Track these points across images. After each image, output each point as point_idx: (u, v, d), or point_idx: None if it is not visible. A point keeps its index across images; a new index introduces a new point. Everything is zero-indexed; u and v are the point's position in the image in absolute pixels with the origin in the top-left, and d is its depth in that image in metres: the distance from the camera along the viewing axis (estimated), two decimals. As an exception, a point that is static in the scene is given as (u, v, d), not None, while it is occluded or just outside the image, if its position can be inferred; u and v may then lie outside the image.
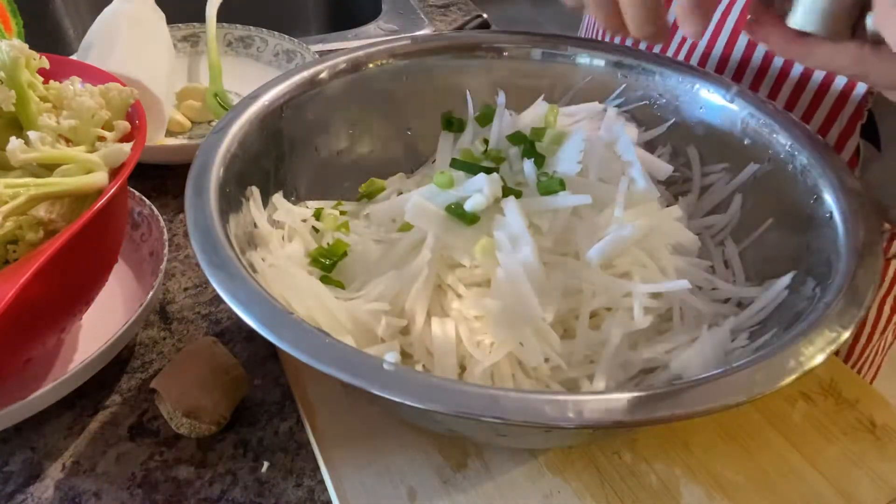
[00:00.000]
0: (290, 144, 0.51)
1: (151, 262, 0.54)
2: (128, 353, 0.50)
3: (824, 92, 0.53)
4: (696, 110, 0.54)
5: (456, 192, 0.45)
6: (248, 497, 0.42)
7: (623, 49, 0.58)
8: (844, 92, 0.52)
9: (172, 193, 0.66)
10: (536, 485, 0.41)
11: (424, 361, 0.42)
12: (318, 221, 0.51)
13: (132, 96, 0.46)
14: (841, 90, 0.53)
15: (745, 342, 0.41)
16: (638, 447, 0.43)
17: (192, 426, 0.42)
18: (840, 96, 0.53)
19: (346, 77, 0.54)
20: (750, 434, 0.44)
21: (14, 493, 0.42)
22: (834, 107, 0.53)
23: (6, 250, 0.40)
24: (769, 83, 0.58)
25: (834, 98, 0.53)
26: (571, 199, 0.44)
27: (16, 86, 0.42)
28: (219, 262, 0.36)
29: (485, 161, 0.50)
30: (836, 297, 0.36)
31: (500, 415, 0.30)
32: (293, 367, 0.48)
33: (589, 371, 0.42)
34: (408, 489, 0.41)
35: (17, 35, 0.62)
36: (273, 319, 0.33)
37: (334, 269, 0.48)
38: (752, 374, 0.32)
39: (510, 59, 0.58)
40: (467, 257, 0.44)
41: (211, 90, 0.77)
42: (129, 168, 0.42)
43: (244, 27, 0.85)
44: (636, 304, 0.43)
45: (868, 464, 0.43)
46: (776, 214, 0.48)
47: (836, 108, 0.53)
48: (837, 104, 0.53)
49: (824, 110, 0.54)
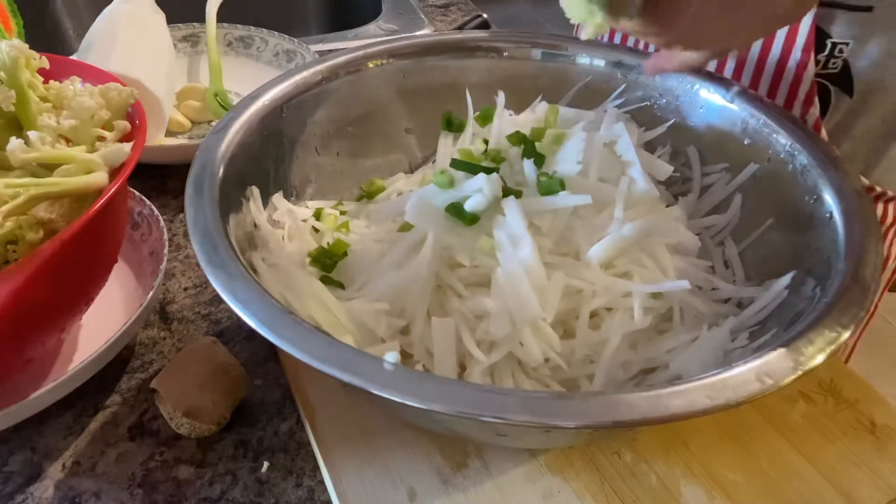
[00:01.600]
0: (290, 144, 0.51)
1: (151, 262, 0.54)
2: (128, 353, 0.50)
3: (781, 72, 0.56)
4: (696, 110, 0.54)
5: (456, 192, 0.45)
6: (248, 497, 0.42)
7: (623, 49, 0.58)
8: (797, 73, 0.55)
9: (172, 193, 0.66)
10: (536, 485, 0.41)
11: (424, 361, 0.42)
12: (318, 221, 0.51)
13: (132, 96, 0.46)
14: (794, 72, 0.55)
15: (745, 342, 0.41)
16: (638, 447, 0.43)
17: (192, 426, 0.42)
18: (794, 78, 0.55)
19: (346, 77, 0.54)
20: (750, 434, 0.44)
21: (14, 493, 0.42)
22: (791, 86, 0.56)
23: (6, 250, 0.40)
24: (729, 66, 0.59)
25: (790, 80, 0.56)
26: (571, 199, 0.44)
27: (16, 86, 0.42)
28: (219, 262, 0.36)
29: (485, 161, 0.50)
30: (836, 297, 0.36)
31: (500, 415, 0.30)
32: (293, 367, 0.48)
33: (589, 371, 0.42)
34: (408, 489, 0.41)
35: (17, 35, 0.62)
36: (273, 319, 0.33)
37: (334, 269, 0.48)
38: (752, 374, 0.32)
39: (510, 59, 0.58)
40: (467, 257, 0.44)
41: (211, 90, 0.77)
42: (129, 168, 0.42)
43: (244, 27, 0.85)
44: (636, 304, 0.43)
45: (868, 464, 0.43)
46: (776, 214, 0.48)
47: (794, 87, 0.55)
48: (794, 84, 0.55)
49: (784, 90, 0.56)
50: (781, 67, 0.55)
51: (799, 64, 0.54)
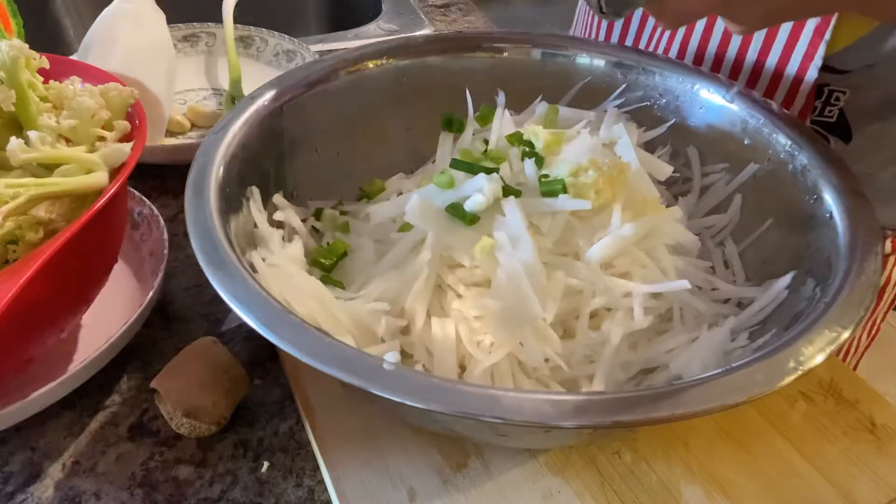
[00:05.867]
0: (290, 144, 0.51)
1: (151, 262, 0.53)
2: (128, 353, 0.50)
3: (778, 80, 0.55)
4: (696, 110, 0.54)
5: (456, 192, 0.45)
6: (248, 497, 0.42)
7: (623, 49, 0.58)
8: (795, 81, 0.55)
9: (172, 193, 0.66)
10: (536, 485, 0.41)
11: (424, 361, 0.42)
12: (318, 221, 0.51)
13: (132, 96, 0.46)
14: (792, 80, 0.55)
15: (745, 342, 0.41)
16: (638, 447, 0.43)
17: (192, 426, 0.42)
18: (791, 86, 0.55)
19: (346, 77, 0.54)
20: (750, 434, 0.44)
21: (14, 493, 0.42)
22: (787, 95, 0.55)
23: (6, 250, 0.40)
24: (724, 73, 0.59)
25: (787, 87, 0.55)
26: (571, 202, 0.44)
27: (16, 86, 0.42)
28: (219, 262, 0.36)
29: (485, 161, 0.50)
30: (836, 297, 0.36)
31: (500, 415, 0.30)
32: (293, 367, 0.48)
33: (589, 371, 0.42)
34: (408, 489, 0.41)
35: (17, 35, 0.62)
36: (273, 319, 0.33)
37: (334, 269, 0.48)
38: (751, 374, 0.32)
39: (510, 59, 0.58)
40: (467, 257, 0.44)
41: (229, 94, 0.77)
42: (129, 168, 0.42)
43: (244, 27, 0.85)
44: (636, 305, 0.43)
45: (868, 464, 0.43)
46: (776, 214, 0.48)
47: (790, 96, 0.55)
48: (790, 93, 0.55)
49: (779, 98, 0.56)
50: (778, 74, 0.55)
51: (797, 71, 0.54)
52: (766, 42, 0.55)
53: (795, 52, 0.53)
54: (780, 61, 0.54)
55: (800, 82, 0.53)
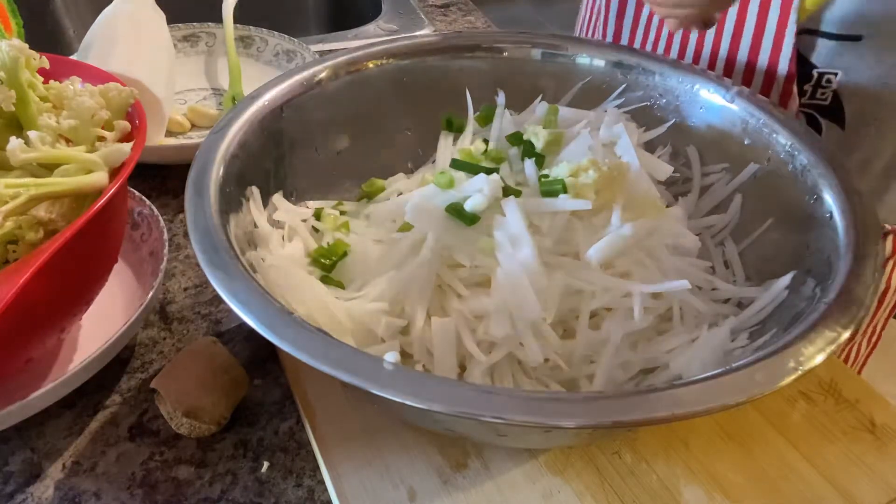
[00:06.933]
0: (290, 144, 0.51)
1: (151, 262, 0.53)
2: (128, 353, 0.50)
3: (751, 72, 0.56)
4: (696, 110, 0.54)
5: (456, 192, 0.45)
6: (248, 497, 0.42)
7: (623, 49, 0.58)
8: (769, 72, 0.55)
9: (172, 193, 0.66)
10: (536, 485, 0.41)
11: (424, 361, 0.42)
12: (318, 221, 0.51)
13: (132, 96, 0.46)
14: (765, 71, 0.56)
15: (745, 342, 0.41)
16: (638, 447, 0.43)
17: (192, 426, 0.42)
18: (766, 76, 0.56)
19: (346, 77, 0.54)
20: (750, 434, 0.44)
21: (14, 493, 0.42)
22: (763, 85, 0.56)
23: (6, 250, 0.40)
24: (703, 66, 0.59)
25: (761, 77, 0.56)
26: (571, 202, 0.44)
27: (16, 86, 0.42)
28: (219, 262, 0.36)
29: (485, 161, 0.50)
30: (836, 297, 0.36)
31: (500, 415, 0.30)
32: (293, 367, 0.48)
33: (589, 371, 0.42)
34: (408, 489, 0.41)
35: (17, 35, 0.62)
36: (273, 319, 0.33)
37: (334, 269, 0.48)
38: (752, 374, 0.32)
39: (510, 59, 0.58)
40: (467, 257, 0.44)
41: (230, 94, 0.77)
42: (129, 168, 0.42)
43: (244, 27, 0.85)
44: (636, 304, 0.43)
45: (868, 464, 0.43)
46: (776, 214, 0.48)
47: (766, 87, 0.56)
48: (766, 83, 0.56)
49: (755, 89, 0.56)
50: (752, 64, 0.56)
51: (768, 63, 0.54)
52: (735, 33, 0.56)
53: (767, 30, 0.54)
54: (754, 36, 0.55)
55: (780, 46, 0.54)
